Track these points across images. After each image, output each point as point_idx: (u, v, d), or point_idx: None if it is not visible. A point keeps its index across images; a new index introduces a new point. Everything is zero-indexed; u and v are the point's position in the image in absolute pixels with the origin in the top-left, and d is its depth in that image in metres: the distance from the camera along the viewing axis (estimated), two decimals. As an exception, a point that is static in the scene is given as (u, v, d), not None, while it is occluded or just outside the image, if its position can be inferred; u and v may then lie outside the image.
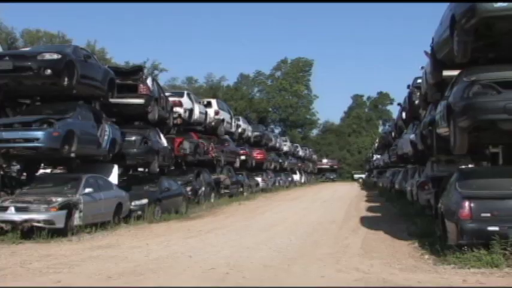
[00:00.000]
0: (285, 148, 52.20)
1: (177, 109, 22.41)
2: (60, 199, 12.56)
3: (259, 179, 36.26)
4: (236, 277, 8.09)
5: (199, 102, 26.11)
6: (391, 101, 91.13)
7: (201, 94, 52.38)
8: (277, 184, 43.29)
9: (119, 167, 16.88)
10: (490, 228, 8.66)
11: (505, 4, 8.93)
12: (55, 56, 13.99)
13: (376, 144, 58.49)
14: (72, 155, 14.07)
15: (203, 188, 22.52)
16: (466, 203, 9.04)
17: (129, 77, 18.38)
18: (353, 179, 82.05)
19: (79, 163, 15.79)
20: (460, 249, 8.86)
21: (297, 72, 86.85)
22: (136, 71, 18.99)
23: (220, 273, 8.32)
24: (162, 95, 20.29)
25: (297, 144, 64.72)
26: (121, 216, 14.83)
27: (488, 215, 8.90)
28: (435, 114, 12.97)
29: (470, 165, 14.50)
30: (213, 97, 40.80)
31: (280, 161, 47.30)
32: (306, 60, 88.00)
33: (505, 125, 9.54)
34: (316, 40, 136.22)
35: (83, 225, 12.91)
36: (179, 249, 10.73)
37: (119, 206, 14.71)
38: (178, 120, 22.57)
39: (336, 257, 9.80)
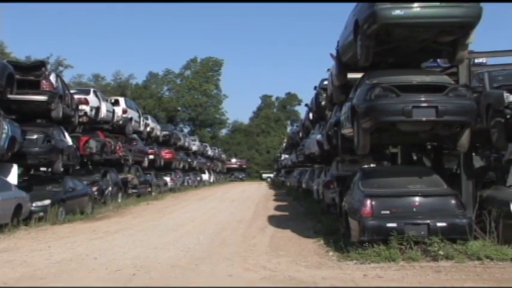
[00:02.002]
0: (194, 147, 52.02)
1: (83, 107, 21.62)
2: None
3: (167, 179, 35.89)
4: (143, 278, 7.97)
5: (107, 100, 25.38)
6: (299, 102, 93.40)
7: (109, 92, 50.99)
8: (186, 184, 43.05)
9: (19, 167, 16.09)
10: (389, 225, 9.10)
11: (401, 12, 9.42)
12: None
13: (284, 144, 59.54)
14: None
15: (110, 188, 21.95)
16: (368, 201, 9.45)
17: (30, 73, 17.51)
18: (261, 179, 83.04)
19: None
20: (362, 245, 9.24)
21: (206, 72, 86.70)
22: (38, 66, 18.13)
23: (126, 275, 8.16)
24: (66, 92, 19.52)
25: (206, 144, 64.75)
26: (20, 218, 14.08)
27: (388, 212, 9.36)
28: (340, 115, 13.40)
29: (372, 165, 15.11)
30: (121, 95, 39.86)
31: (189, 160, 47.15)
32: (215, 60, 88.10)
33: (403, 126, 10.06)
34: (226, 40, 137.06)
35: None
36: (84, 251, 10.38)
37: (18, 207, 13.96)
38: (84, 119, 21.81)
39: (243, 256, 9.89)
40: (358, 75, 11.76)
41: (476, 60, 14.14)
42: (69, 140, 19.24)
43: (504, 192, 10.11)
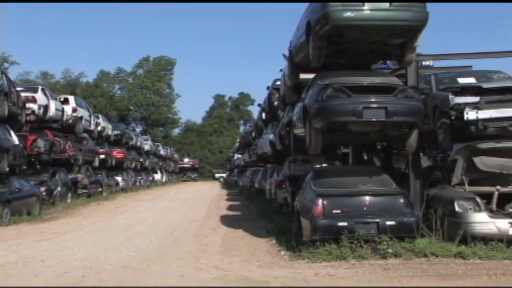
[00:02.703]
0: (146, 147, 51.49)
1: (30, 105, 21.03)
2: None
3: (119, 179, 35.38)
4: (93, 280, 7.82)
5: (56, 99, 24.77)
6: (252, 102, 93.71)
7: (58, 90, 49.89)
8: (138, 183, 42.54)
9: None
10: (340, 224, 9.22)
11: (353, 14, 9.59)
12: None
13: (237, 144, 59.59)
14: None
15: (59, 188, 21.42)
16: (320, 201, 9.55)
17: (-29, 69, 16.90)
18: (214, 178, 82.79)
19: None
20: (313, 244, 9.33)
21: (159, 71, 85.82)
22: (-20, 63, 17.53)
23: (75, 277, 7.99)
24: (12, 89, 18.91)
25: (159, 143, 64.18)
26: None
27: (339, 211, 9.48)
28: (292, 115, 13.49)
29: (324, 165, 15.29)
30: (71, 94, 39.05)
31: (141, 160, 46.65)
32: (168, 59, 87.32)
33: (354, 126, 10.22)
34: (179, 39, 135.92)
35: None
36: (30, 254, 10.08)
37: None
38: (32, 117, 21.21)
39: (195, 256, 9.84)
40: (310, 76, 11.86)
41: (423, 63, 14.56)
42: (15, 139, 18.65)
43: (449, 191, 10.41)
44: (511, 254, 8.94)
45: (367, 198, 9.73)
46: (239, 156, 50.70)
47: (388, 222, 9.25)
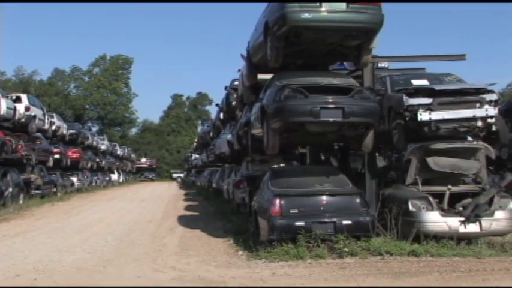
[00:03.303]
0: (103, 147, 50.69)
1: (-22, 104, 20.42)
2: None
3: (74, 179, 34.70)
4: (45, 282, 7.64)
5: (7, 97, 24.08)
6: (210, 102, 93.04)
7: (10, 88, 48.56)
8: (94, 184, 41.86)
9: None
10: (297, 224, 9.28)
11: (310, 15, 9.68)
12: None
13: (195, 144, 59.36)
14: None
15: (10, 189, 20.78)
16: (277, 201, 9.60)
17: None
18: (172, 178, 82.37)
19: None
20: (270, 244, 9.38)
21: (116, 70, 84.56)
22: None
23: (27, 280, 7.78)
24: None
25: (116, 143, 63.35)
26: None
27: (296, 211, 9.55)
28: (250, 115, 13.51)
29: (281, 165, 15.36)
30: (24, 92, 38.02)
31: (98, 160, 45.95)
32: (125, 58, 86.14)
33: (311, 127, 10.30)
34: (136, 38, 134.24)
35: None
36: (-21, 257, 9.78)
37: None
38: (-20, 116, 20.60)
39: (153, 257, 9.75)
40: (268, 76, 11.89)
41: (379, 65, 14.81)
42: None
43: (404, 191, 10.63)
44: (460, 251, 9.23)
45: (324, 198, 9.82)
46: (197, 156, 50.51)
47: (345, 222, 9.36)
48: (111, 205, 24.62)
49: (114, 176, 54.57)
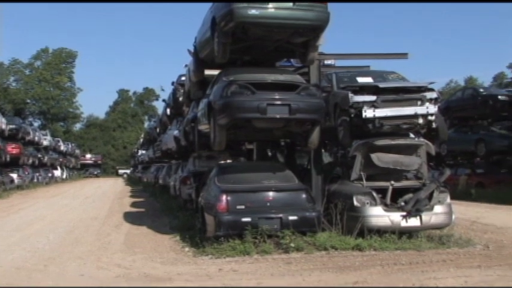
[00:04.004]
0: (45, 142, 49.42)
1: None
2: None
3: (14, 175, 33.64)
4: (-18, 283, 7.39)
5: None
6: (157, 97, 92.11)
7: None
8: (35, 180, 40.69)
9: None
10: (244, 219, 9.31)
11: (257, 12, 9.71)
12: None
13: (141, 140, 58.61)
14: None
15: None
16: (224, 197, 9.59)
17: None
18: (118, 175, 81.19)
19: None
20: (217, 240, 9.38)
21: (59, 63, 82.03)
22: None
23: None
24: None
25: (59, 139, 61.86)
26: None
27: (243, 207, 9.57)
28: (197, 111, 13.44)
29: (228, 161, 15.36)
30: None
31: (40, 156, 44.86)
32: (69, 51, 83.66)
33: (258, 123, 10.34)
34: (80, 31, 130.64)
35: None
36: None
37: None
38: None
39: (97, 254, 9.58)
40: (215, 72, 11.87)
41: (325, 62, 15.00)
42: None
43: (349, 187, 10.83)
44: (402, 245, 9.50)
45: (271, 193, 9.89)
46: (143, 152, 49.92)
47: (291, 217, 9.45)
48: (54, 202, 24.02)
49: (58, 173, 53.43)
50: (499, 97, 23.48)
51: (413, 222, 9.99)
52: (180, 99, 20.30)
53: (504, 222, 13.29)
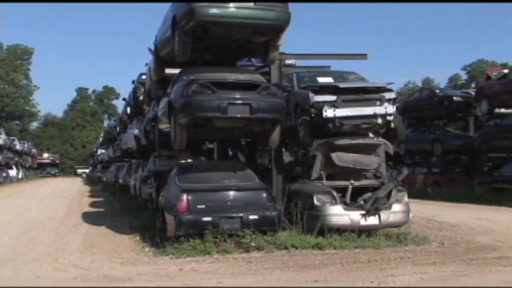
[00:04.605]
0: (0, 142, 48.09)
1: None
2: None
3: (-34, 175, 32.69)
4: None
5: None
6: (117, 96, 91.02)
7: None
8: (-11, 180, 39.62)
9: None
10: (205, 219, 9.27)
11: (218, 11, 9.70)
12: None
13: (101, 139, 57.82)
14: None
15: None
16: (184, 196, 9.54)
17: None
18: (76, 174, 79.89)
19: None
20: (177, 240, 9.32)
21: (14, 60, 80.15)
22: None
23: None
24: None
25: (14, 138, 60.26)
26: None
27: (203, 206, 9.53)
28: (158, 110, 13.33)
29: (189, 160, 15.29)
30: None
31: (-6, 155, 43.53)
32: (25, 48, 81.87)
33: (219, 122, 10.32)
34: (36, 28, 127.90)
35: None
36: None
37: None
38: None
39: (54, 256, 9.39)
40: (176, 71, 11.80)
41: (286, 62, 15.10)
42: None
43: (309, 186, 10.92)
44: (361, 243, 9.63)
45: (231, 193, 9.88)
46: (103, 151, 49.18)
47: (251, 217, 9.46)
48: (9, 202, 23.42)
49: (13, 172, 52.18)
50: (454, 98, 24.10)
51: (372, 220, 10.14)
52: (141, 98, 20.13)
53: (458, 220, 13.65)
